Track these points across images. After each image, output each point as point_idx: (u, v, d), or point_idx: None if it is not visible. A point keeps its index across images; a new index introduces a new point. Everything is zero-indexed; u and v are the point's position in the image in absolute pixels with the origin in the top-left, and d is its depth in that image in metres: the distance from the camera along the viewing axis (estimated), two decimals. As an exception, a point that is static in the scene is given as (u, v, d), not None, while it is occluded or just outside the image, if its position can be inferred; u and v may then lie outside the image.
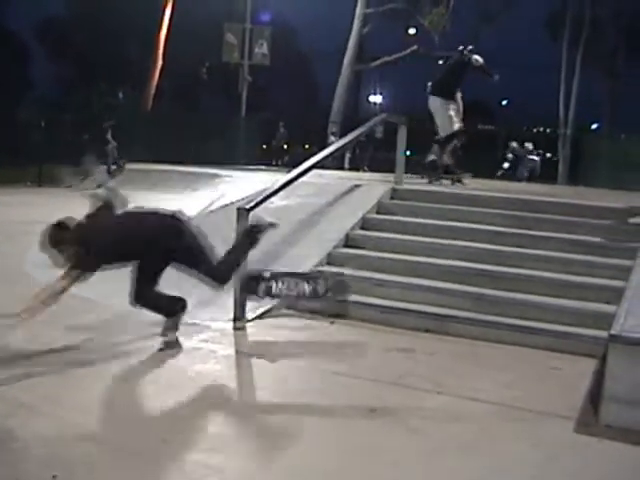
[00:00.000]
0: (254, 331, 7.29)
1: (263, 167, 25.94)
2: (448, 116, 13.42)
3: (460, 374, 6.27)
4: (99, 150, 26.62)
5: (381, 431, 5.00)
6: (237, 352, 6.70)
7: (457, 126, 13.54)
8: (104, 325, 7.35)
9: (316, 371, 6.24)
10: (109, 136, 26.49)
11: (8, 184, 22.43)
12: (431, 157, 14.29)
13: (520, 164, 28.77)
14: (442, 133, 13.63)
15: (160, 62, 35.48)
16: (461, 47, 13.66)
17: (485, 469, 4.47)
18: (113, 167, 25.75)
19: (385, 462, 4.50)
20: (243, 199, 9.31)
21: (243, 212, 7.38)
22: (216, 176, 21.56)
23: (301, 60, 59.28)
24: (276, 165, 31.88)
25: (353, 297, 8.03)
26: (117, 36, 47.10)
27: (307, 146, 46.78)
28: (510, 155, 29.18)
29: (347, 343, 7.10)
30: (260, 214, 7.30)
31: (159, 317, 7.50)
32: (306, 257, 8.74)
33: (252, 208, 7.49)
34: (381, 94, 61.12)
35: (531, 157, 29.61)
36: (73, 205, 17.20)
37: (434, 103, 13.58)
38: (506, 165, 28.70)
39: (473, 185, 13.14)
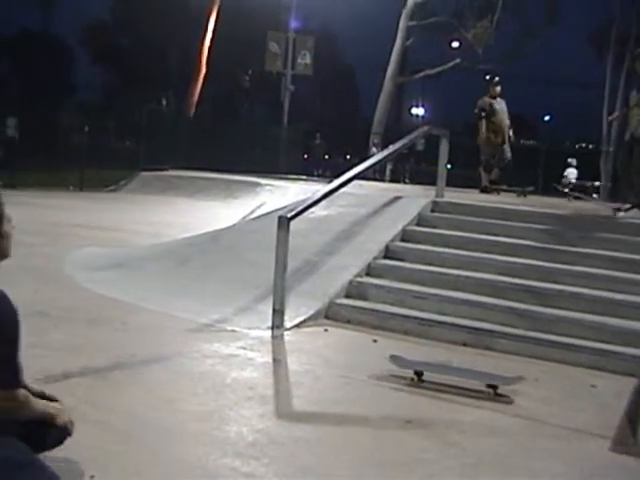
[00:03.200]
0: (292, 339, 7.29)
1: (304, 177, 26.00)
2: None
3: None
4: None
5: (416, 443, 4.97)
6: (274, 360, 6.69)
7: None
8: (144, 329, 7.39)
9: (353, 381, 6.23)
10: None
11: (51, 188, 22.67)
12: None
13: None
14: None
15: (203, 69, 35.67)
16: None
17: (520, 486, 4.44)
18: None
19: (420, 475, 4.47)
20: (284, 208, 9.35)
21: (284, 220, 7.41)
22: (257, 185, 21.70)
23: (344, 71, 59.43)
24: (317, 175, 31.93)
25: (393, 309, 8.04)
26: (160, 42, 47.51)
27: (348, 157, 46.82)
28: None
29: (386, 354, 7.08)
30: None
31: (199, 323, 7.57)
32: (345, 267, 8.74)
33: (293, 217, 7.51)
34: (423, 107, 61.10)
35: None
36: (114, 209, 17.32)
37: None
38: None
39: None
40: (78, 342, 6.65)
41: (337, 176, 9.44)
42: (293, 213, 7.56)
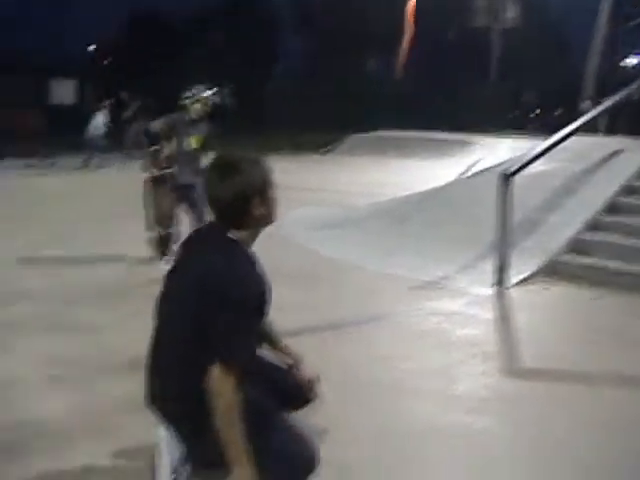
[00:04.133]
0: (514, 296, 7.22)
1: (514, 134, 25.53)
2: None
3: None
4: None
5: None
6: (498, 317, 6.68)
7: None
8: (365, 287, 7.53)
9: (576, 338, 6.15)
10: None
11: (262, 152, 23.23)
12: None
13: None
14: None
15: (410, 30, 35.49)
16: None
17: None
18: None
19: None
20: (500, 165, 9.24)
21: (505, 177, 7.33)
22: (468, 143, 21.52)
23: (553, 22, 57.62)
24: (528, 131, 31.26)
25: (616, 265, 7.81)
26: (365, 4, 47.48)
27: (559, 111, 45.50)
28: None
29: (612, 314, 6.90)
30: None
31: (421, 281, 7.61)
32: (566, 223, 8.55)
33: (514, 173, 7.42)
34: (638, 55, 58.42)
35: None
36: (325, 170, 17.46)
37: None
38: None
39: None
40: (301, 300, 6.83)
41: (551, 132, 9.23)
42: (514, 169, 7.46)
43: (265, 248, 3.45)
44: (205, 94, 8.24)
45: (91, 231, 10.38)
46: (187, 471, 3.39)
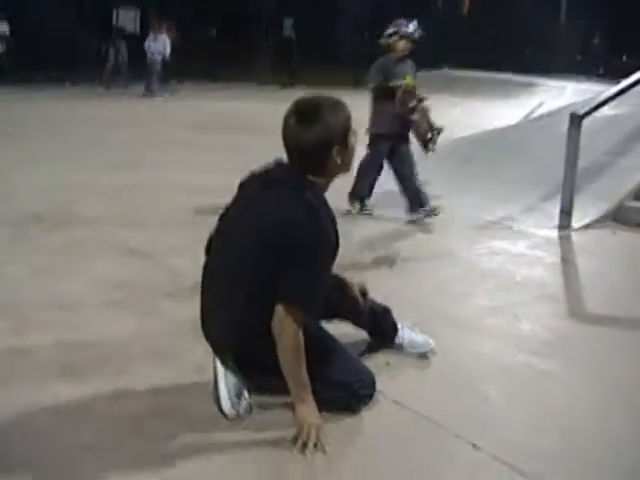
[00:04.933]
0: (580, 240, 7.15)
1: (581, 77, 25.07)
2: None
3: None
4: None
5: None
6: (563, 260, 6.61)
7: None
8: (433, 224, 7.47)
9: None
10: None
11: (328, 86, 23.16)
12: None
13: None
14: None
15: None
16: None
17: None
18: None
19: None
20: (567, 107, 9.09)
21: (576, 118, 7.19)
22: (533, 84, 21.23)
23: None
24: (598, 75, 30.61)
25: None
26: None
27: (625, 57, 44.44)
28: None
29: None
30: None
31: (485, 220, 7.58)
32: (636, 168, 8.38)
33: (585, 115, 7.27)
34: None
35: None
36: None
37: None
38: None
39: None
40: (365, 236, 6.83)
41: (621, 76, 9.02)
42: (585, 110, 7.31)
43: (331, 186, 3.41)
44: (409, 29, 7.60)
45: (155, 158, 10.46)
46: (246, 399, 3.42)
